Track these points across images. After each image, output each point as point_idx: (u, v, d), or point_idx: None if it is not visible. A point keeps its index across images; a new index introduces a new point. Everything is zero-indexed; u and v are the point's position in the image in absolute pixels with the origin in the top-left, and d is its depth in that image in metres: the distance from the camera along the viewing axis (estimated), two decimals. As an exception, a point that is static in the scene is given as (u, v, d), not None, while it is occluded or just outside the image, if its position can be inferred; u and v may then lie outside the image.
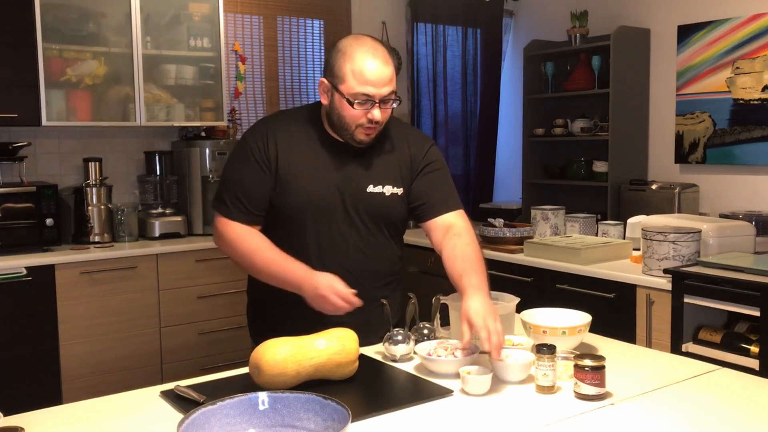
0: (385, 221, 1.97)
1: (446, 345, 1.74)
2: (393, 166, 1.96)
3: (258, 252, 1.86)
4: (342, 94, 1.81)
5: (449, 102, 5.04)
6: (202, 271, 3.70)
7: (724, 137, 3.92)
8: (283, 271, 1.82)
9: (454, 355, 1.68)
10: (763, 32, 3.73)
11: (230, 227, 1.90)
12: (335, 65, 1.81)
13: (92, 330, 3.41)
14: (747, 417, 1.43)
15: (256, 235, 1.89)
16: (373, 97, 1.80)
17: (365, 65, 1.78)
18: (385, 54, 1.82)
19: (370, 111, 1.81)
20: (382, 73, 1.79)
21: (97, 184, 3.73)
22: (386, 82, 1.80)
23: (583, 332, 1.80)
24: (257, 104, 4.47)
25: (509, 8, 5.20)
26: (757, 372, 2.36)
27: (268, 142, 1.89)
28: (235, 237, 1.89)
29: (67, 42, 3.58)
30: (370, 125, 1.83)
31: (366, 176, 1.92)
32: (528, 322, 1.83)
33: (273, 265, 1.84)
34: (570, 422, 1.42)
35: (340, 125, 1.86)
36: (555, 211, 3.64)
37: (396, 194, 1.95)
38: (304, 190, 1.88)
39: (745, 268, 2.57)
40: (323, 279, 1.77)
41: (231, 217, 1.90)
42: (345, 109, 1.82)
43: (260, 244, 1.87)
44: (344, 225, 1.91)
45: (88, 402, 1.57)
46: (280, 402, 1.29)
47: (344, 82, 1.80)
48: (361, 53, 1.79)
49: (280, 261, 1.83)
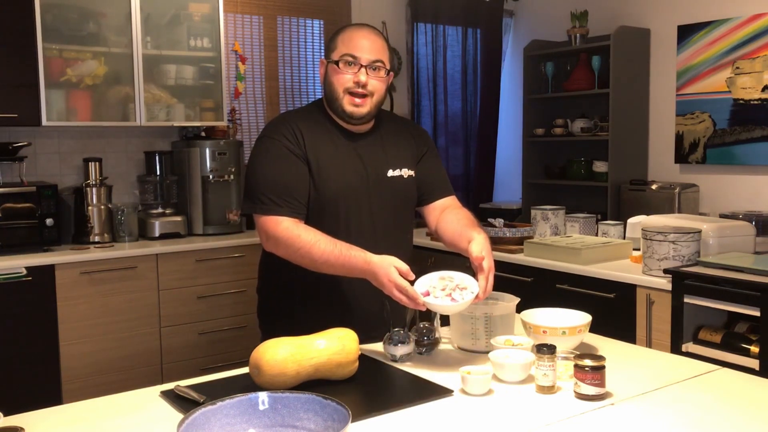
0: (405, 203, 2.06)
1: (445, 284, 1.72)
2: (404, 149, 2.05)
3: (315, 245, 1.82)
4: (332, 61, 1.92)
5: (449, 102, 5.04)
6: (202, 271, 3.70)
7: (724, 137, 3.92)
8: (342, 260, 1.80)
9: (452, 298, 1.68)
10: (763, 32, 3.73)
11: (281, 226, 1.86)
12: (330, 42, 1.96)
13: (92, 330, 3.41)
14: (747, 417, 1.43)
15: (308, 229, 1.86)
16: (359, 59, 1.89)
17: (354, 32, 1.93)
18: (377, 31, 1.95)
19: (357, 74, 1.89)
20: (369, 40, 1.91)
21: (97, 184, 3.73)
22: (374, 49, 1.90)
23: (583, 332, 1.80)
24: (257, 104, 4.47)
25: (509, 8, 5.20)
26: (757, 372, 2.36)
27: (296, 136, 1.92)
28: (289, 234, 1.85)
29: (67, 42, 3.58)
30: (356, 90, 1.90)
31: (385, 161, 2.00)
32: (528, 322, 1.83)
33: (332, 257, 1.81)
34: (570, 422, 1.42)
35: (331, 96, 1.94)
36: (555, 211, 3.64)
37: (411, 176, 2.05)
38: (335, 180, 1.92)
39: (745, 268, 2.57)
40: (381, 268, 1.73)
41: (280, 213, 1.86)
42: (334, 74, 1.91)
43: (316, 237, 1.83)
44: (370, 211, 1.97)
45: (88, 402, 1.56)
46: (280, 402, 1.29)
47: (335, 49, 1.92)
48: (353, 26, 1.97)
49: (338, 251, 1.81)
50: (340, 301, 1.96)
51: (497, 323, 1.83)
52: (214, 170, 3.91)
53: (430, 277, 1.75)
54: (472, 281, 1.74)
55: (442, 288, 1.72)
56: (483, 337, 1.83)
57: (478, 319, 1.83)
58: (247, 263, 3.79)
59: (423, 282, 1.73)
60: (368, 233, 1.96)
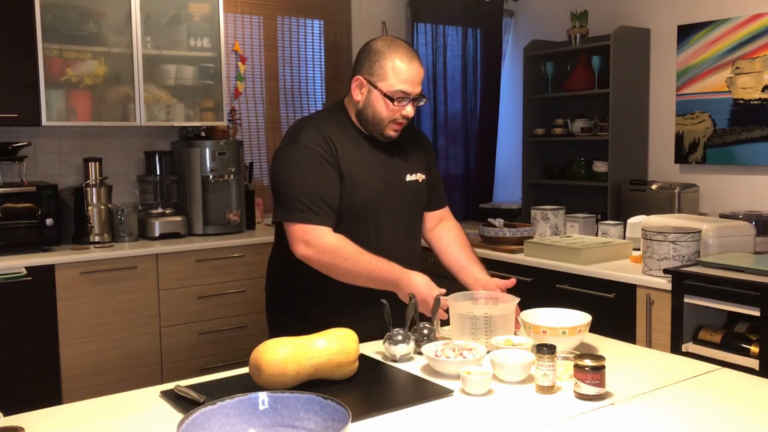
0: (419, 207, 2.16)
1: (453, 346, 1.74)
2: (417, 154, 2.13)
3: (359, 259, 1.89)
4: (381, 91, 1.93)
5: (449, 102, 5.04)
6: (202, 271, 3.70)
7: (724, 137, 3.92)
8: (382, 275, 1.90)
9: (463, 356, 1.68)
10: (763, 32, 3.73)
11: (328, 237, 1.90)
12: (375, 64, 1.94)
13: (92, 330, 3.41)
14: (747, 417, 1.43)
15: (351, 243, 1.91)
16: (410, 95, 1.94)
17: (405, 64, 1.93)
18: (418, 56, 1.99)
19: (405, 107, 1.95)
20: (418, 73, 1.95)
21: (97, 184, 3.73)
22: (420, 81, 1.97)
23: (583, 332, 1.80)
24: (257, 104, 4.47)
25: (509, 8, 5.20)
26: (757, 372, 2.36)
27: (329, 144, 1.95)
28: (337, 247, 1.89)
29: (67, 42, 3.58)
30: (401, 121, 1.97)
31: (403, 166, 2.08)
32: (528, 322, 1.83)
33: (375, 271, 1.90)
34: (570, 422, 1.42)
35: (373, 121, 1.97)
36: (555, 211, 3.64)
37: (425, 180, 2.14)
38: (366, 186, 1.97)
39: (745, 268, 2.57)
40: (417, 286, 1.88)
41: (320, 223, 1.89)
42: (382, 105, 1.94)
43: (358, 251, 1.90)
44: (393, 215, 2.03)
45: (88, 402, 1.57)
46: (280, 402, 1.29)
47: (384, 79, 1.92)
48: (401, 54, 1.94)
49: (378, 267, 1.91)
50: (348, 299, 1.99)
51: (497, 323, 1.83)
52: (214, 170, 3.91)
53: (435, 344, 1.76)
54: (475, 344, 1.76)
55: (452, 349, 1.72)
56: (483, 337, 1.83)
57: (478, 319, 1.83)
58: (247, 263, 3.79)
59: (430, 347, 1.74)
60: (393, 237, 2.03)
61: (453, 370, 1.65)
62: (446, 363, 1.66)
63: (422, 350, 1.73)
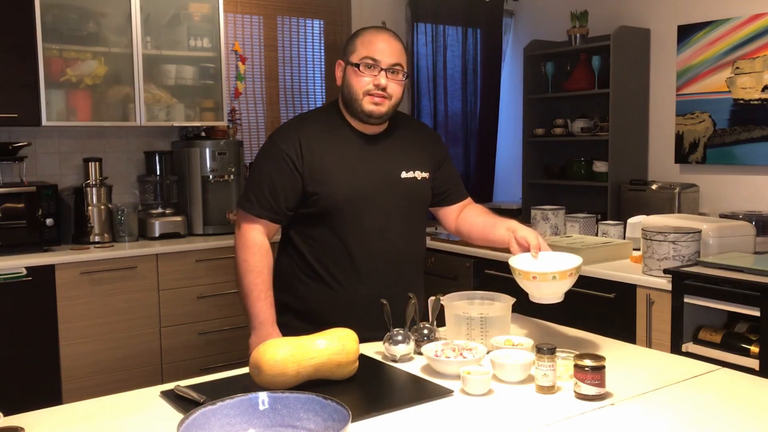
0: (418, 205, 2.11)
1: (453, 346, 1.74)
2: (418, 152, 2.10)
3: (251, 273, 1.96)
4: (351, 63, 1.95)
5: (449, 102, 5.04)
6: (202, 271, 3.70)
7: (724, 137, 3.92)
8: (250, 304, 1.96)
9: (463, 356, 1.68)
10: (763, 32, 3.73)
11: (252, 232, 1.98)
12: (349, 44, 1.98)
13: (92, 330, 3.41)
14: (747, 417, 1.43)
15: (264, 257, 1.97)
16: (379, 62, 1.92)
17: (374, 35, 1.96)
18: (396, 34, 1.99)
19: (377, 77, 1.92)
20: (388, 44, 1.94)
21: (97, 184, 3.73)
22: (393, 52, 1.94)
23: (575, 276, 1.75)
24: (257, 104, 4.47)
25: (509, 8, 5.20)
26: (757, 372, 2.36)
27: (300, 145, 1.96)
28: (249, 244, 1.97)
29: (67, 42, 3.58)
30: (376, 92, 1.93)
31: (398, 163, 2.04)
32: (518, 269, 1.78)
33: (251, 296, 1.96)
34: (570, 422, 1.42)
35: (351, 99, 1.96)
36: (555, 211, 3.63)
37: (425, 178, 2.09)
38: (343, 185, 1.96)
39: (745, 268, 2.57)
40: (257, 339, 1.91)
41: (254, 213, 1.97)
42: (354, 76, 1.94)
43: (260, 266, 1.96)
44: (383, 213, 2.01)
45: (88, 402, 1.57)
46: (280, 402, 1.29)
47: (354, 51, 1.95)
48: (372, 29, 2.00)
49: (255, 295, 1.95)
50: (349, 299, 2.00)
51: (493, 324, 1.83)
52: (214, 170, 3.91)
53: (435, 344, 1.76)
54: (475, 343, 1.75)
55: (452, 349, 1.72)
56: (479, 338, 1.83)
57: (474, 319, 1.83)
58: (247, 263, 3.79)
59: (430, 347, 1.74)
60: (381, 234, 2.00)
61: (453, 370, 1.65)
62: (446, 363, 1.66)
63: (422, 350, 1.73)
